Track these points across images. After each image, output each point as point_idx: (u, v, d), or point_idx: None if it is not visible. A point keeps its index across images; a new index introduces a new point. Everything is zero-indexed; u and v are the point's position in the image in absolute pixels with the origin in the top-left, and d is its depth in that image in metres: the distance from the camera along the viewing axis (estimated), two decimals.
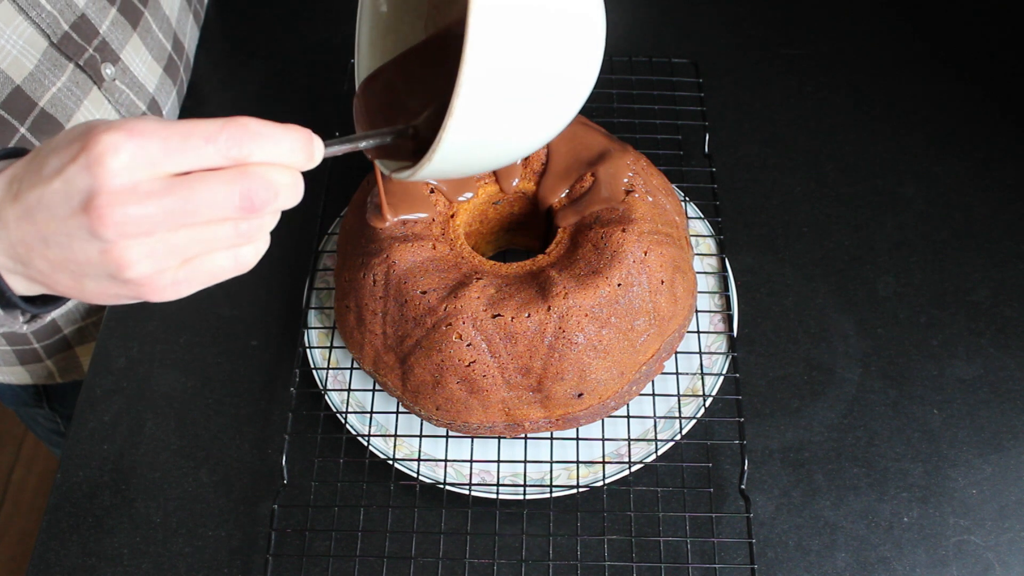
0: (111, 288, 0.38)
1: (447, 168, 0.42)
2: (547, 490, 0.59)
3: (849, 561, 0.58)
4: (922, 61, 0.82)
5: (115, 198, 0.34)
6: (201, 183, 0.35)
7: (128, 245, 0.35)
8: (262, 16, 0.89)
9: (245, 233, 0.37)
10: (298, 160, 0.37)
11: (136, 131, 0.34)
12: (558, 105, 0.43)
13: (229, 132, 0.35)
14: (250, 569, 0.60)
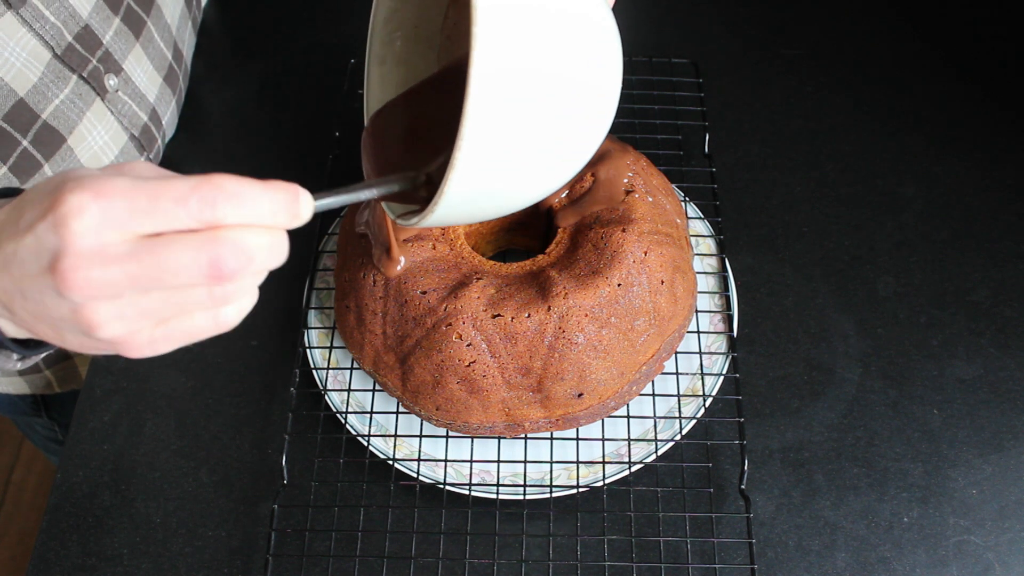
0: (89, 344, 0.37)
1: (453, 217, 0.41)
2: (547, 490, 0.59)
3: (849, 561, 0.58)
4: (922, 61, 0.82)
5: (79, 260, 0.33)
6: (166, 248, 0.33)
7: (96, 307, 0.34)
8: (260, 19, 0.89)
9: (221, 297, 0.35)
10: (280, 221, 0.35)
11: (103, 192, 0.33)
12: (566, 155, 0.41)
13: (201, 193, 0.33)
14: (250, 569, 0.60)
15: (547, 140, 0.39)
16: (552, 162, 0.41)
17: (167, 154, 0.78)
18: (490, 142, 0.36)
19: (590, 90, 0.40)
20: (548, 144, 0.39)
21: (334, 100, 0.78)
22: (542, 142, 0.39)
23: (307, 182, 0.40)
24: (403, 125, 0.49)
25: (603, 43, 0.40)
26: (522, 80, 0.36)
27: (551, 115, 0.38)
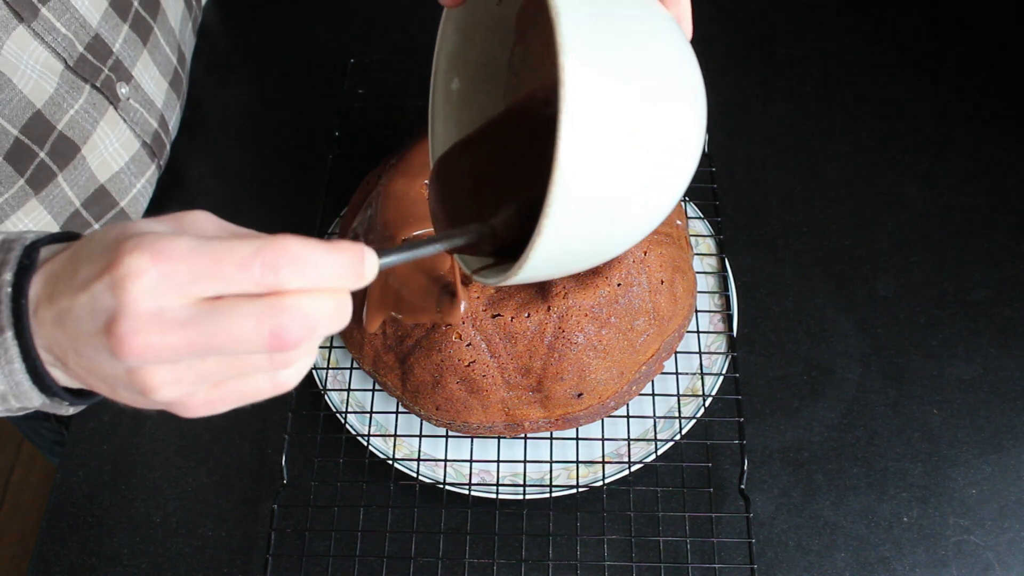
0: (142, 401, 0.36)
1: (533, 278, 0.39)
2: (547, 490, 0.59)
3: (849, 561, 0.58)
4: (922, 61, 0.82)
5: (137, 324, 0.32)
6: (229, 317, 0.32)
7: (152, 371, 0.33)
8: (259, 19, 0.89)
9: (281, 362, 0.34)
10: (344, 283, 0.33)
11: (163, 254, 0.32)
12: (653, 211, 0.40)
13: (264, 257, 0.32)
14: (250, 569, 0.60)
15: (636, 199, 0.38)
16: (637, 221, 0.40)
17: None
18: (577, 209, 0.35)
19: (680, 144, 0.38)
20: (637, 202, 0.38)
21: (334, 100, 0.78)
22: (631, 201, 0.38)
23: (306, 183, 0.40)
24: (470, 168, 0.48)
25: (694, 96, 0.40)
26: (612, 143, 0.35)
27: (641, 175, 0.37)
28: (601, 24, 0.35)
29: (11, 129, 0.59)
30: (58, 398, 0.38)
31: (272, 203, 0.75)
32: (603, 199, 0.36)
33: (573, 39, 0.33)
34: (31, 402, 0.38)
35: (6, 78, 0.57)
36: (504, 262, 0.42)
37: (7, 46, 0.56)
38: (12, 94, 0.58)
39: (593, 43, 0.34)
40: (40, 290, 0.35)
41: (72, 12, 0.61)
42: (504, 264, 0.42)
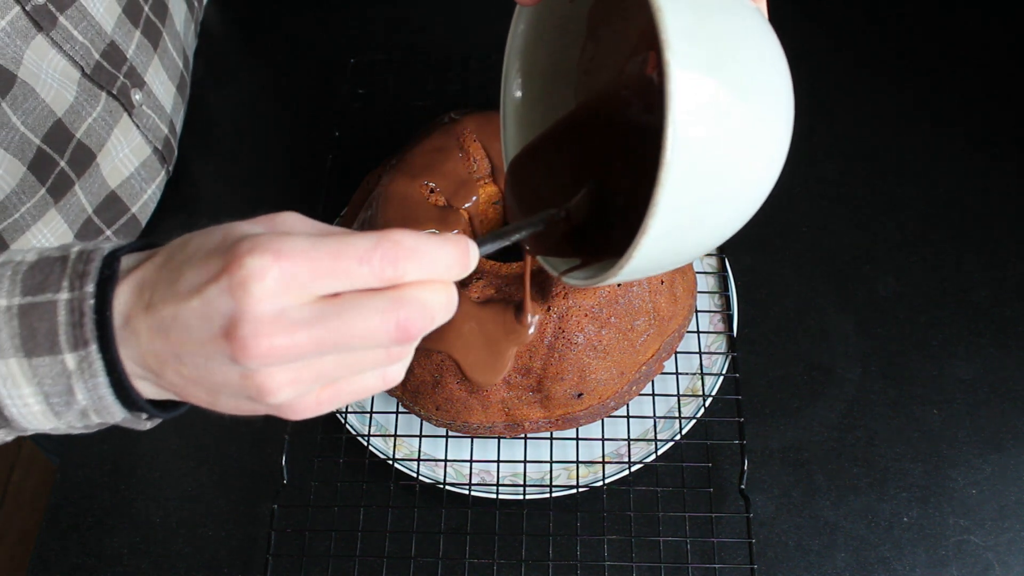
0: (248, 406, 0.35)
1: (631, 276, 0.40)
2: (547, 490, 0.59)
3: (849, 561, 0.58)
4: (923, 62, 0.82)
5: (260, 327, 0.31)
6: (354, 312, 0.32)
7: (271, 373, 0.33)
8: (259, 19, 0.89)
9: (397, 356, 0.35)
10: (453, 274, 0.34)
11: (283, 254, 0.31)
12: (753, 202, 0.41)
13: (383, 251, 0.32)
14: (250, 569, 0.60)
15: (735, 194, 0.39)
16: (738, 210, 0.40)
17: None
18: (680, 206, 0.36)
19: (775, 141, 0.39)
20: (736, 197, 0.39)
21: (334, 100, 0.78)
22: (730, 196, 0.38)
23: (307, 182, 0.40)
24: (545, 166, 0.48)
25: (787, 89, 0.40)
26: (716, 140, 0.35)
27: (741, 170, 0.38)
28: (700, 19, 0.35)
29: (34, 139, 0.58)
30: (142, 412, 0.38)
31: (272, 203, 0.75)
32: (704, 199, 0.36)
33: (675, 38, 0.33)
34: (113, 417, 0.37)
35: (29, 87, 0.57)
36: (588, 263, 0.43)
37: (27, 56, 0.56)
38: (36, 103, 0.58)
39: (694, 38, 0.34)
40: (131, 300, 0.35)
41: (89, 20, 0.60)
42: (590, 264, 0.42)
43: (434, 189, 0.61)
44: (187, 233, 0.35)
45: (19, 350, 0.35)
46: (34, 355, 0.35)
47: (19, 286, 0.35)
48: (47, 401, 0.36)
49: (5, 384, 0.36)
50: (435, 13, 0.87)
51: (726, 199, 0.38)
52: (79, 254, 0.36)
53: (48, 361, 0.35)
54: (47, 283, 0.35)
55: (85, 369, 0.35)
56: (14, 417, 0.37)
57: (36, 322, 0.35)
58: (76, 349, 0.35)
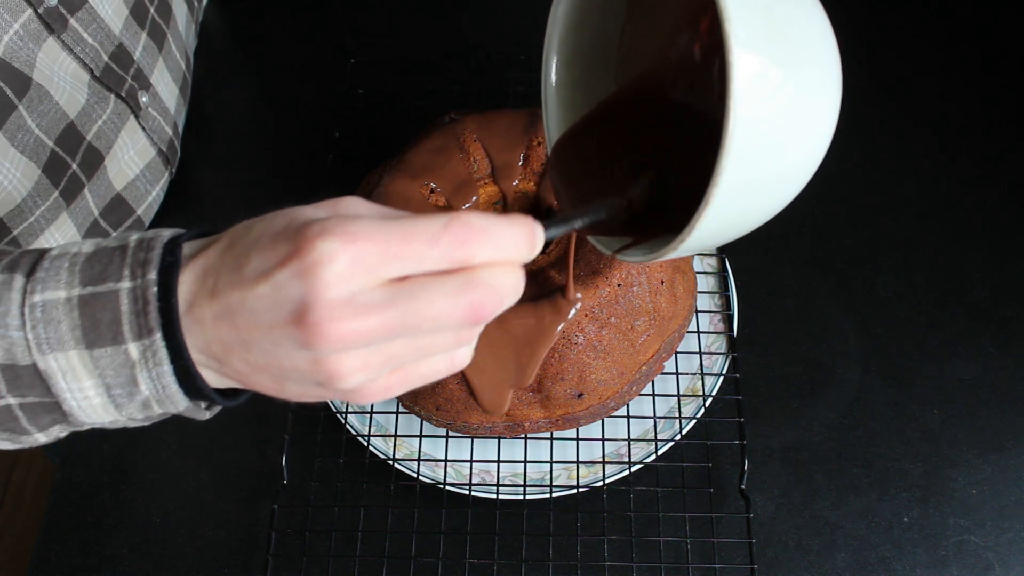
0: (315, 392, 0.35)
1: (689, 251, 0.40)
2: (547, 490, 0.59)
3: (849, 561, 0.58)
4: (922, 61, 0.82)
5: (331, 311, 0.31)
6: (425, 295, 0.32)
7: (342, 358, 0.32)
8: (259, 19, 0.89)
9: (465, 338, 0.35)
10: (522, 255, 0.34)
11: (353, 236, 0.31)
12: (805, 172, 0.42)
13: (453, 232, 0.32)
14: (250, 569, 0.60)
15: (792, 165, 0.40)
16: (793, 181, 0.41)
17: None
18: (738, 181, 0.36)
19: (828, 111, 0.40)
20: (792, 167, 0.40)
21: (334, 101, 0.78)
22: (787, 167, 0.39)
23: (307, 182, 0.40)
24: (590, 148, 0.49)
25: (837, 60, 0.42)
26: (774, 113, 0.36)
27: (797, 141, 0.39)
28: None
29: (47, 141, 0.58)
30: (207, 400, 0.37)
31: (273, 203, 0.75)
32: (761, 173, 0.37)
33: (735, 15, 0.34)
34: (176, 407, 0.37)
35: (44, 90, 0.57)
36: (640, 241, 0.44)
37: (40, 59, 0.56)
38: (50, 106, 0.58)
39: (751, 14, 0.35)
40: (195, 287, 0.34)
41: (99, 22, 0.60)
42: (642, 243, 0.43)
43: (434, 189, 0.61)
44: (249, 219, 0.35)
45: (80, 342, 0.34)
46: (96, 346, 0.34)
47: (78, 277, 0.35)
48: (108, 393, 0.36)
49: (65, 377, 0.35)
50: (435, 13, 0.87)
51: (782, 171, 0.39)
52: (138, 242, 0.35)
53: (110, 352, 0.34)
54: (107, 273, 0.35)
55: (149, 358, 0.34)
56: (73, 411, 0.36)
57: (98, 312, 0.34)
58: (140, 338, 0.34)
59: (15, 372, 0.35)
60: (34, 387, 0.36)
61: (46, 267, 0.35)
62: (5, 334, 0.35)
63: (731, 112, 0.34)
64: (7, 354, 0.35)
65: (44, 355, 0.35)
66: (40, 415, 0.37)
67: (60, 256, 0.36)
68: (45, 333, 0.35)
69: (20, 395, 0.36)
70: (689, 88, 0.45)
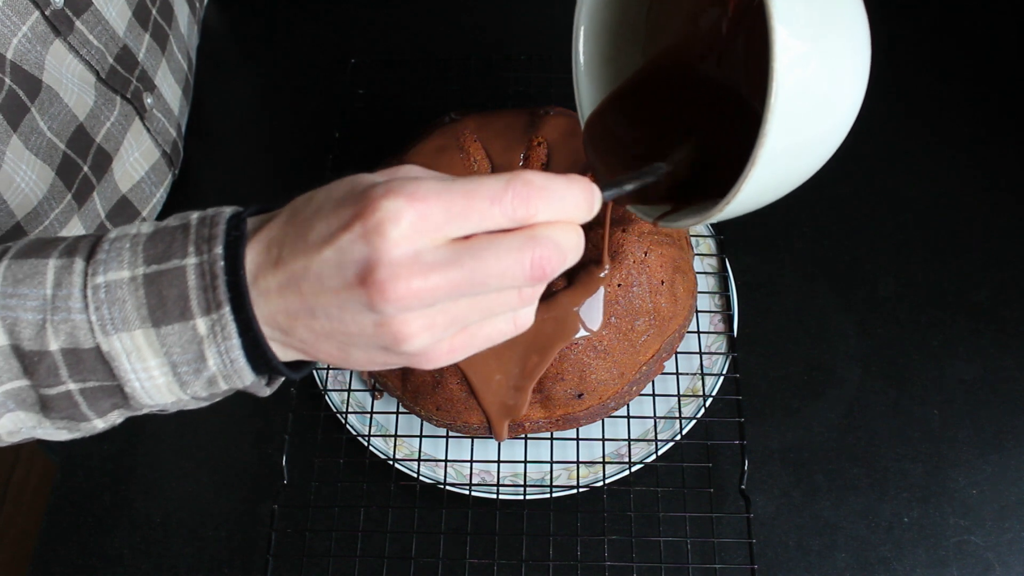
0: (381, 357, 0.35)
1: (731, 213, 0.42)
2: (547, 490, 0.59)
3: (849, 561, 0.58)
4: (922, 61, 0.82)
5: (397, 270, 0.31)
6: (489, 252, 0.32)
7: (407, 319, 0.33)
8: (260, 19, 0.89)
9: (529, 297, 0.35)
10: (581, 215, 0.34)
11: (417, 196, 0.31)
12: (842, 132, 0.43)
13: (515, 190, 0.32)
14: (250, 569, 0.60)
15: (830, 125, 0.41)
16: (831, 140, 0.43)
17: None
18: (780, 146, 0.38)
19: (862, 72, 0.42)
20: (831, 128, 0.41)
21: (334, 100, 0.78)
22: (826, 127, 0.41)
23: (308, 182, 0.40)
24: (623, 121, 0.50)
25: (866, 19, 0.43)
26: (817, 74, 0.38)
27: (836, 103, 0.40)
28: None
29: (59, 144, 0.59)
30: (272, 374, 0.37)
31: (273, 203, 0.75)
32: (802, 136, 0.39)
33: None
34: (242, 381, 0.37)
35: (54, 92, 0.57)
36: (679, 208, 0.45)
37: (48, 61, 0.56)
38: (60, 108, 0.58)
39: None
40: (260, 259, 0.34)
41: (104, 24, 0.60)
42: (681, 209, 0.45)
43: None
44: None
45: (146, 320, 0.35)
46: (163, 323, 0.35)
47: (141, 256, 0.35)
48: (174, 371, 0.36)
49: (130, 358, 0.35)
50: (435, 13, 0.87)
51: (822, 131, 0.40)
52: (200, 220, 0.36)
53: (178, 328, 0.35)
54: (171, 251, 0.35)
55: (218, 332, 0.35)
56: (135, 393, 0.36)
57: (165, 289, 0.34)
58: (208, 313, 0.34)
59: (77, 356, 0.36)
60: (96, 371, 0.36)
61: (106, 249, 0.36)
62: (68, 317, 0.35)
63: (775, 77, 0.36)
64: (69, 338, 0.35)
65: (108, 336, 0.35)
66: (100, 400, 0.37)
67: (120, 238, 0.36)
68: (109, 314, 0.35)
69: (81, 380, 0.36)
70: (717, 59, 0.47)
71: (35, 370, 0.36)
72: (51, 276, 0.36)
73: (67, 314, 0.35)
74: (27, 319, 0.35)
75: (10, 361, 0.36)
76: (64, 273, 0.35)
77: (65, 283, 0.35)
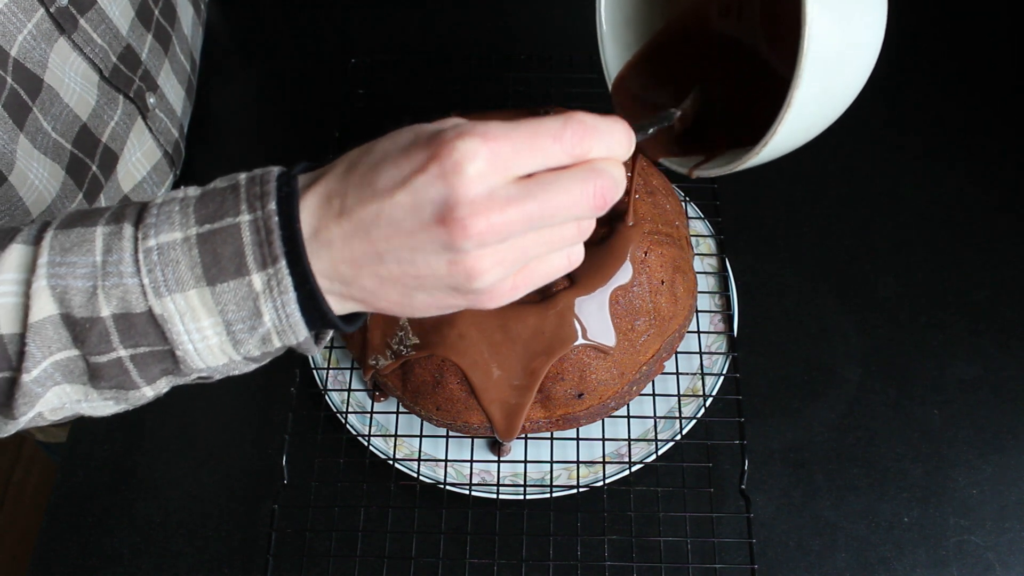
0: (446, 300, 0.36)
1: (766, 157, 0.45)
2: (547, 490, 0.59)
3: (849, 561, 0.58)
4: (922, 62, 0.82)
5: (475, 207, 0.33)
6: (557, 185, 0.34)
7: (482, 255, 0.34)
8: (260, 19, 0.89)
9: (585, 231, 0.37)
10: (623, 152, 0.36)
11: (489, 135, 0.33)
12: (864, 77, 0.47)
13: (572, 128, 0.34)
14: (250, 569, 0.60)
15: (855, 70, 0.44)
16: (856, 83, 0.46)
17: None
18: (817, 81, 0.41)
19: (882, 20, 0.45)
20: (856, 72, 0.45)
21: (334, 101, 0.78)
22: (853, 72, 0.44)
23: None
24: (650, 83, 0.52)
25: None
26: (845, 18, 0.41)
27: (860, 51, 0.43)
28: None
29: (65, 144, 0.59)
30: (326, 328, 0.38)
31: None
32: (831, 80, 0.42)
33: None
34: (296, 337, 0.37)
35: (54, 92, 0.57)
36: (711, 157, 0.49)
37: (52, 59, 0.56)
38: (61, 108, 0.58)
39: None
40: (319, 211, 0.35)
41: (107, 23, 0.61)
42: (714, 158, 0.48)
43: None
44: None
45: (201, 279, 0.35)
46: (218, 281, 0.35)
47: (192, 217, 0.36)
48: (228, 330, 0.36)
49: (183, 319, 0.36)
50: (435, 13, 0.87)
51: (849, 72, 0.44)
52: (250, 179, 0.36)
53: (233, 286, 0.35)
54: (223, 210, 0.35)
55: (274, 287, 0.35)
56: (187, 355, 0.37)
57: (219, 247, 0.35)
58: (264, 268, 0.35)
59: (129, 321, 0.36)
60: (148, 335, 0.36)
61: (154, 213, 0.36)
62: (119, 282, 0.35)
63: (807, 23, 0.39)
64: (121, 303, 0.36)
65: (161, 299, 0.35)
66: (151, 365, 0.38)
67: (168, 202, 0.36)
68: (163, 275, 0.35)
69: (132, 345, 0.37)
70: (737, 14, 0.51)
71: (86, 338, 0.36)
72: (100, 243, 0.36)
73: (119, 279, 0.35)
74: (77, 286, 0.36)
75: (59, 331, 0.36)
76: (113, 239, 0.36)
77: (115, 248, 0.36)
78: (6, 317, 0.36)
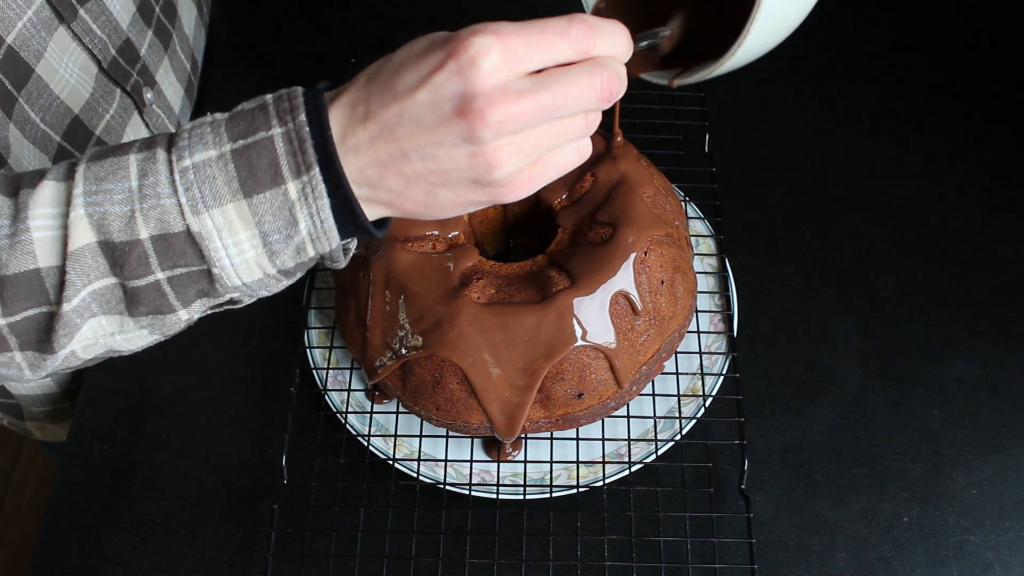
0: (468, 195, 0.38)
1: (740, 62, 0.46)
2: (547, 490, 0.59)
3: (849, 561, 0.58)
4: (922, 61, 0.82)
5: (492, 98, 0.35)
6: (567, 77, 0.36)
7: (500, 145, 0.36)
8: (261, 19, 0.89)
9: (592, 123, 0.39)
10: (624, 52, 0.39)
11: (502, 32, 0.35)
12: None
13: (577, 27, 0.36)
14: (250, 569, 0.60)
15: None
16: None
17: None
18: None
19: None
20: None
21: None
22: None
23: None
24: (624, 8, 0.53)
25: None
26: None
27: None
28: None
29: (53, 135, 0.59)
30: (358, 234, 0.40)
31: None
32: None
33: None
34: (330, 244, 0.39)
35: (44, 83, 0.57)
36: (689, 68, 0.50)
37: (50, 47, 0.56)
38: (51, 99, 0.58)
39: None
40: (345, 119, 0.37)
41: (107, 15, 0.61)
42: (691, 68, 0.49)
43: None
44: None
45: (237, 193, 0.37)
46: (255, 193, 0.37)
47: (225, 136, 0.37)
48: (265, 241, 0.38)
49: (221, 234, 0.37)
50: (435, 13, 0.87)
51: None
52: (277, 97, 0.38)
53: (269, 196, 0.37)
54: (255, 126, 0.37)
55: (309, 194, 0.37)
56: (223, 272, 0.38)
57: (255, 160, 0.36)
58: (299, 175, 0.37)
59: (167, 242, 0.37)
60: (185, 254, 0.38)
61: (186, 137, 0.38)
62: (157, 203, 0.37)
63: None
64: (159, 223, 0.37)
65: (199, 215, 0.37)
66: (187, 287, 0.39)
67: (198, 126, 0.38)
68: (200, 192, 0.37)
69: (170, 267, 0.38)
70: None
71: (124, 262, 0.38)
72: (135, 169, 0.37)
73: (156, 200, 0.37)
74: (115, 211, 0.37)
75: (98, 258, 0.38)
76: (148, 164, 0.37)
77: (151, 172, 0.37)
78: (43, 250, 0.38)
